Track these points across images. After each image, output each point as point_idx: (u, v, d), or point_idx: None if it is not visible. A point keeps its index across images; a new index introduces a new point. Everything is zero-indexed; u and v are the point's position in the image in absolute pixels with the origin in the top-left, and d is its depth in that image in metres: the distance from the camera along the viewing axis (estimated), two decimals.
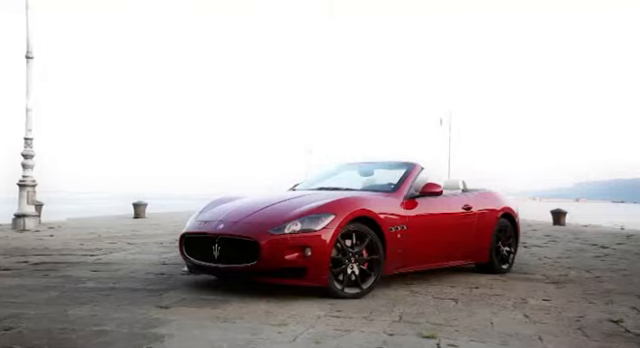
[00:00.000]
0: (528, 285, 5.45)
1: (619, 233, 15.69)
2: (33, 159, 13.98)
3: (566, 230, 15.62)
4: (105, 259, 7.04)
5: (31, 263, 6.71)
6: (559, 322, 3.81)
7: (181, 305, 4.07)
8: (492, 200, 6.32)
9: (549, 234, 13.54)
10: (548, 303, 4.55)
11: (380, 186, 5.56)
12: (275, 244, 4.21)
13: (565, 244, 10.67)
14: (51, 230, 12.88)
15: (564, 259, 8.10)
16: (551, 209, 19.56)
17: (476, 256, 5.98)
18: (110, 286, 4.90)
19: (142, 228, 13.43)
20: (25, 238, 10.72)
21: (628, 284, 5.82)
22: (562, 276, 6.23)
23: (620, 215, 51.70)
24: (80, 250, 8.10)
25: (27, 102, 14.10)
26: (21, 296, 4.45)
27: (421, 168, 5.76)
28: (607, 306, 4.50)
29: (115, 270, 5.98)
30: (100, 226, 14.32)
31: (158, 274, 5.76)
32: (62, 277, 5.46)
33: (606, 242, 11.54)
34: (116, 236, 10.86)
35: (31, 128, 14.02)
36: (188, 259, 4.74)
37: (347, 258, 4.42)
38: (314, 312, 3.89)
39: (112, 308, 3.96)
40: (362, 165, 6.40)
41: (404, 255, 4.94)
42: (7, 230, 12.94)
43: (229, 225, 4.52)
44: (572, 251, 9.36)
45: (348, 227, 4.42)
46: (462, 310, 4.08)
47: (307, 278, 4.25)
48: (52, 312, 3.83)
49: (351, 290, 4.42)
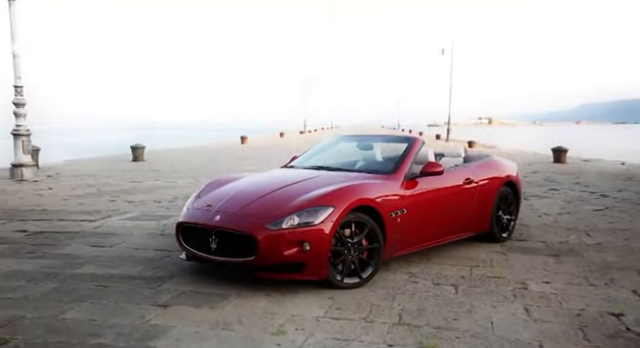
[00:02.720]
0: (528, 260, 5.42)
1: (620, 171, 15.67)
2: (25, 107, 13.68)
3: (566, 171, 15.57)
4: (104, 227, 7.00)
5: (29, 233, 6.68)
6: (560, 319, 3.79)
7: (179, 303, 4.03)
8: (494, 169, 6.17)
9: (549, 178, 13.49)
10: (548, 287, 4.53)
11: (379, 165, 5.40)
12: (273, 239, 4.11)
13: (565, 193, 10.63)
14: (49, 180, 12.83)
15: (564, 216, 8.07)
16: (552, 147, 19.40)
17: (477, 228, 5.91)
18: (108, 273, 4.86)
19: (141, 177, 13.36)
20: (23, 192, 10.68)
21: (628, 253, 5.80)
22: (562, 243, 6.20)
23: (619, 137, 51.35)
24: (79, 213, 8.05)
25: (13, 47, 13.61)
26: (19, 288, 4.42)
27: (422, 142, 5.58)
28: (608, 290, 4.48)
29: (113, 245, 5.94)
30: (98, 174, 14.26)
31: (157, 250, 5.73)
32: (60, 257, 5.42)
33: (606, 188, 11.51)
34: (115, 190, 10.80)
35: (20, 75, 13.63)
36: (185, 248, 4.67)
37: (346, 248, 4.34)
38: (313, 312, 3.85)
39: (110, 308, 3.93)
40: (361, 138, 6.19)
41: (403, 238, 4.87)
42: (5, 180, 12.91)
43: (226, 217, 4.41)
44: (572, 203, 9.32)
45: (347, 217, 4.31)
46: (462, 304, 4.05)
47: (306, 272, 4.19)
48: (49, 315, 3.79)
49: (351, 280, 4.38)
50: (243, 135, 34.94)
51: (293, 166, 5.80)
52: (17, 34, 13.62)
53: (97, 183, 12.16)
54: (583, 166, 17.43)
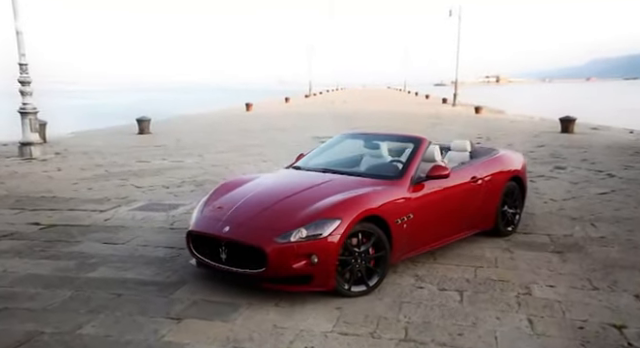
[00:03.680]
0: (532, 258, 5.50)
1: (628, 144, 15.63)
2: (30, 85, 13.66)
3: (574, 143, 15.52)
4: (114, 219, 7.12)
5: (42, 226, 6.81)
6: (563, 333, 3.88)
7: (192, 315, 4.15)
8: (499, 165, 6.18)
9: (556, 153, 13.47)
10: (552, 292, 4.62)
11: (386, 169, 5.41)
12: (282, 253, 4.20)
13: (571, 172, 10.65)
14: (58, 159, 12.97)
15: (569, 201, 8.12)
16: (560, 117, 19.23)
17: (482, 225, 5.98)
18: (121, 277, 4.98)
19: (148, 155, 13.43)
20: (33, 174, 10.81)
21: (631, 248, 5.88)
22: (567, 236, 6.27)
23: (631, 92, 50.17)
24: (88, 202, 8.17)
25: (16, 24, 13.48)
26: (37, 296, 4.55)
27: (429, 143, 5.59)
28: (610, 295, 4.57)
29: (124, 242, 6.06)
30: (106, 151, 14.37)
31: (167, 248, 5.85)
32: (74, 257, 5.55)
33: (613, 165, 11.51)
34: (123, 172, 10.91)
35: (24, 52, 13.55)
36: (196, 256, 4.77)
37: (353, 258, 4.43)
38: (322, 326, 3.96)
39: (125, 322, 4.05)
40: (367, 137, 6.19)
41: (410, 242, 4.94)
42: (15, 159, 13.04)
43: (235, 228, 4.48)
44: (578, 185, 9.36)
45: (354, 228, 4.38)
46: (467, 316, 4.15)
47: (314, 284, 4.29)
48: (67, 331, 3.92)
49: (358, 288, 4.47)
50: (248, 102, 34.75)
51: (299, 167, 5.82)
52: (19, 10, 13.47)
53: (105, 162, 12.26)
54: (591, 137, 17.35)
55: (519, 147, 14.62)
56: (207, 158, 12.93)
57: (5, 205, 8.07)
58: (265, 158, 12.74)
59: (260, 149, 14.58)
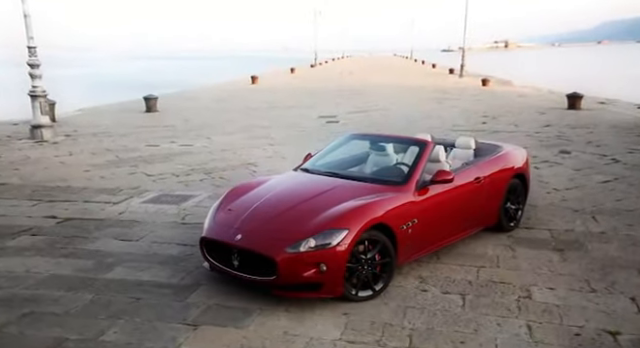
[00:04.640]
0: (533, 257, 5.69)
1: (634, 121, 15.65)
2: (40, 68, 13.74)
3: (580, 122, 15.52)
4: (127, 212, 7.34)
5: (59, 219, 7.05)
6: (560, 341, 4.08)
7: (207, 321, 4.38)
8: (503, 163, 6.31)
9: (561, 134, 13.51)
10: (552, 295, 4.82)
11: (391, 173, 5.56)
12: (292, 262, 4.41)
13: (576, 157, 10.74)
14: (68, 142, 13.18)
15: (572, 191, 8.25)
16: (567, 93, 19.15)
17: (485, 222, 6.15)
18: (138, 278, 5.22)
19: (156, 137, 13.58)
20: (45, 160, 11.03)
21: (631, 244, 6.05)
22: (568, 232, 6.44)
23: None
24: (101, 192, 8.38)
25: (23, 7, 13.46)
26: (61, 300, 4.79)
27: (434, 145, 5.71)
28: (607, 298, 4.76)
29: (138, 239, 6.29)
30: (115, 132, 14.55)
31: (180, 245, 6.08)
32: (92, 255, 5.79)
33: (618, 148, 11.59)
34: (133, 158, 11.10)
35: (32, 36, 13.57)
36: (209, 261, 4.98)
37: (360, 264, 4.63)
38: (330, 333, 4.18)
39: (144, 329, 4.28)
40: (372, 138, 6.32)
41: (414, 245, 5.13)
42: (27, 141, 13.25)
43: (246, 236, 4.68)
44: (582, 172, 9.48)
45: (361, 237, 4.57)
46: (469, 322, 4.36)
47: (323, 291, 4.51)
48: (90, 337, 4.16)
49: (364, 293, 4.69)
50: (253, 75, 34.59)
51: (307, 169, 5.97)
52: None
53: (115, 146, 12.44)
54: (598, 114, 17.31)
55: (525, 127, 14.70)
56: (215, 141, 13.08)
57: (23, 195, 8.30)
58: (272, 142, 12.87)
59: (267, 131, 14.69)
